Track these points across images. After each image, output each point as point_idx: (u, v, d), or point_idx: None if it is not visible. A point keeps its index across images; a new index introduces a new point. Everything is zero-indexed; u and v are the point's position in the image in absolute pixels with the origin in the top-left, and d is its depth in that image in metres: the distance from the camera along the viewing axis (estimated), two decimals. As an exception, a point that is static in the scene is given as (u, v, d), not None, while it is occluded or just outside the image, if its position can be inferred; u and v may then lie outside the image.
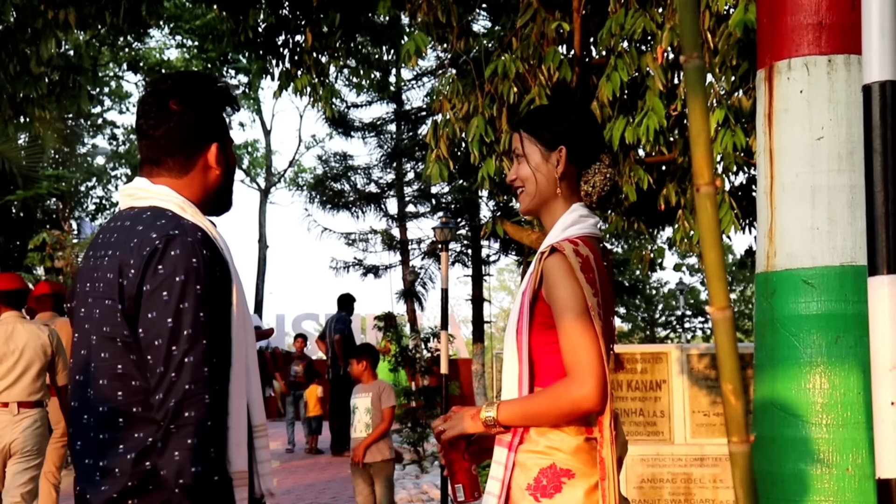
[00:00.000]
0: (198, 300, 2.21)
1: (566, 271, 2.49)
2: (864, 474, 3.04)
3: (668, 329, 41.13)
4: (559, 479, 2.49)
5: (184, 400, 2.17)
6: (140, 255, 2.24)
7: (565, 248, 2.51)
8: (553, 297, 2.50)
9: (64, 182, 18.12)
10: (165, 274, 2.21)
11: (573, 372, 2.46)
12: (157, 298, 2.21)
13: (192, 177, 2.42)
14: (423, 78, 21.65)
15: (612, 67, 6.12)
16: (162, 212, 2.34)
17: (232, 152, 2.51)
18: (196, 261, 2.23)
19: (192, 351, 2.18)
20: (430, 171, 6.89)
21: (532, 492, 2.50)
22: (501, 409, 2.55)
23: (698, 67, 1.33)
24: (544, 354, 2.56)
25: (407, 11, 7.41)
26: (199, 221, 2.35)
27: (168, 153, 2.41)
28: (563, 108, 2.73)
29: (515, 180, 2.70)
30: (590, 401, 2.44)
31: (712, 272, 1.37)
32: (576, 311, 2.46)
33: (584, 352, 2.44)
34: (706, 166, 1.34)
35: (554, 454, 2.50)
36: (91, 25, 8.32)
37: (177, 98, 2.40)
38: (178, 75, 2.50)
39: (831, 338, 3.10)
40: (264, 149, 38.76)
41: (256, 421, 2.38)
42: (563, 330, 2.48)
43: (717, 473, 8.67)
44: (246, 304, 2.40)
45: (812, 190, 3.17)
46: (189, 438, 2.16)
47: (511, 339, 2.61)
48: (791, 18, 3.21)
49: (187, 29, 21.73)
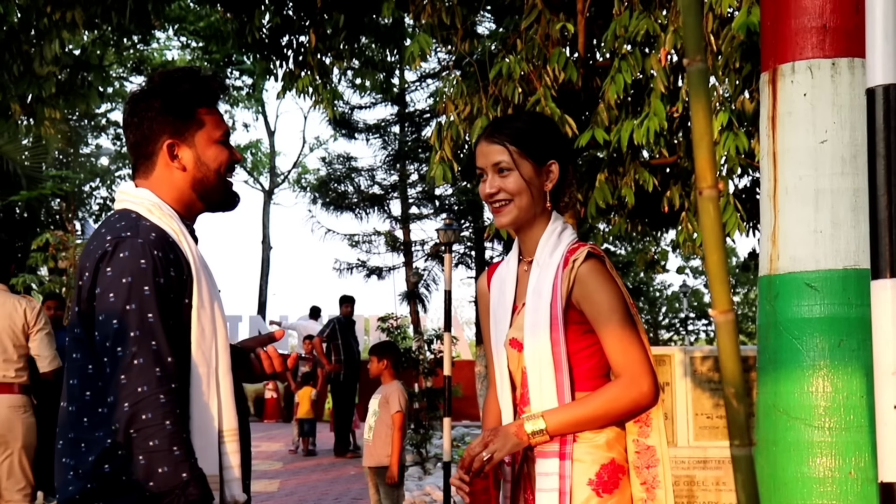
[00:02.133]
0: (145, 301, 2.21)
1: (606, 274, 2.55)
2: (867, 478, 3.03)
3: (672, 331, 41.11)
4: (617, 475, 2.56)
5: (138, 402, 2.17)
6: (93, 258, 2.29)
7: (600, 252, 2.57)
8: (595, 301, 2.54)
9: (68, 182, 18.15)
10: (112, 276, 2.24)
11: (628, 373, 2.53)
12: (104, 300, 2.24)
13: (158, 177, 2.45)
14: (426, 80, 21.66)
15: (617, 69, 6.12)
16: (127, 214, 2.38)
17: (208, 147, 2.46)
18: (144, 262, 2.24)
19: (139, 353, 2.18)
20: (434, 172, 6.89)
21: (595, 487, 2.55)
22: (549, 419, 2.54)
23: (701, 71, 1.33)
24: (579, 360, 2.60)
25: (411, 13, 7.41)
26: (165, 223, 2.36)
27: (136, 156, 2.47)
28: (542, 122, 2.77)
29: (498, 193, 2.65)
30: (648, 398, 2.54)
31: (715, 275, 1.37)
32: (622, 313, 2.54)
33: (636, 352, 2.53)
34: (709, 170, 1.34)
35: (613, 450, 2.57)
36: (97, 25, 8.33)
37: (142, 101, 2.44)
38: (152, 77, 2.52)
39: (834, 341, 3.09)
40: (268, 150, 38.79)
41: (226, 426, 2.35)
42: (610, 333, 2.53)
43: (721, 476, 8.66)
44: (216, 305, 2.38)
45: (815, 193, 3.16)
46: (150, 441, 2.16)
47: (543, 350, 2.58)
48: (795, 22, 3.21)
49: (192, 30, 21.76)
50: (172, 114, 2.42)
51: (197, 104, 2.45)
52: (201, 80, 2.48)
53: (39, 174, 18.73)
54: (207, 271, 2.41)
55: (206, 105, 2.47)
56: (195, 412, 2.28)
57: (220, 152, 2.48)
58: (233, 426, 2.36)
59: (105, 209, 26.18)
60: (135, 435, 2.16)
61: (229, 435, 2.35)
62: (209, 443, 2.29)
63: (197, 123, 2.45)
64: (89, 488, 2.24)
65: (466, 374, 22.39)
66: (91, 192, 26.58)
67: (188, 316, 2.31)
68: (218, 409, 2.33)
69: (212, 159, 2.46)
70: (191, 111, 2.44)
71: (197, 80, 2.47)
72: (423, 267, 22.70)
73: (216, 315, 2.37)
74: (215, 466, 2.30)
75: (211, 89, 2.49)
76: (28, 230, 18.70)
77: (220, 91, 2.51)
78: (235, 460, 2.35)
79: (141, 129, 2.43)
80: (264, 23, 8.07)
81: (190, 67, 2.69)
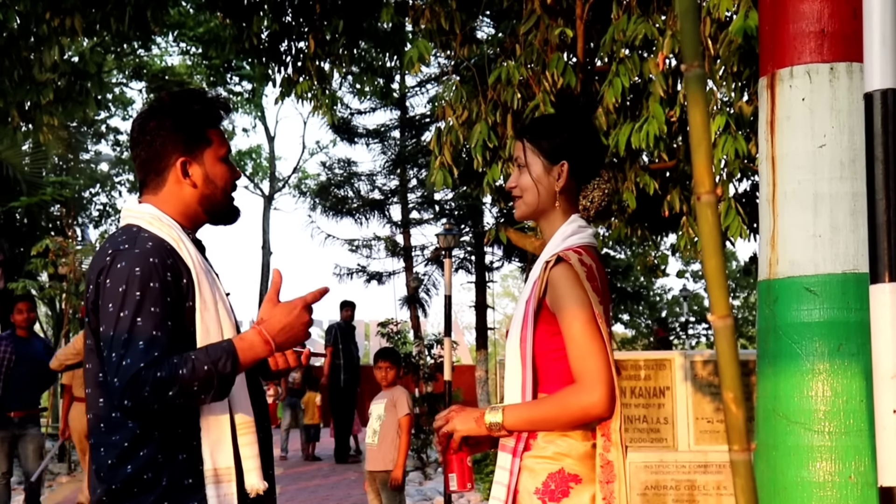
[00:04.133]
0: (137, 306, 2.32)
1: (573, 280, 2.54)
2: (867, 482, 3.03)
3: (672, 335, 41.07)
4: (567, 483, 2.54)
5: (131, 402, 2.28)
6: (95, 273, 2.42)
7: (571, 258, 2.56)
8: (560, 305, 2.55)
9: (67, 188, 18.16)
10: (110, 286, 2.36)
11: (583, 379, 2.51)
12: (105, 311, 2.36)
13: (167, 192, 2.55)
14: (426, 84, 21.67)
15: (615, 74, 6.13)
16: (129, 228, 2.50)
17: (215, 165, 2.58)
18: (139, 269, 2.36)
19: (127, 354, 2.28)
20: (434, 177, 6.90)
21: (541, 496, 2.54)
22: (507, 414, 2.58)
23: (699, 76, 1.33)
24: (548, 362, 2.60)
25: (410, 18, 7.42)
26: (165, 232, 2.46)
27: (144, 173, 2.58)
28: (567, 122, 2.77)
29: (515, 188, 2.75)
30: (599, 407, 2.50)
31: (713, 280, 1.37)
32: (584, 319, 2.51)
33: (593, 359, 2.50)
34: (707, 175, 1.34)
35: (562, 460, 2.55)
36: (97, 32, 8.33)
37: (152, 120, 2.54)
38: (161, 97, 2.62)
39: (833, 345, 3.09)
40: (268, 155, 38.78)
41: (241, 419, 2.46)
42: (571, 337, 2.52)
43: (721, 480, 8.65)
44: (221, 306, 2.49)
45: (814, 197, 3.17)
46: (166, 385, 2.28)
47: (514, 346, 2.64)
48: (793, 26, 3.22)
49: (191, 36, 21.76)
50: (184, 132, 2.54)
51: (206, 124, 2.57)
52: (209, 101, 2.60)
53: (40, 180, 18.73)
54: (211, 276, 2.52)
55: (213, 125, 2.59)
56: (206, 407, 2.39)
57: (226, 170, 2.60)
58: (247, 419, 2.47)
59: (105, 215, 26.18)
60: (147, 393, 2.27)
61: (245, 427, 2.46)
62: (223, 436, 2.41)
63: (206, 142, 2.57)
64: (114, 489, 2.36)
65: (467, 378, 22.38)
66: (91, 199, 26.56)
67: (192, 317, 2.42)
68: (230, 403, 2.43)
69: (219, 177, 2.58)
70: (201, 130, 2.56)
71: (205, 100, 2.59)
72: (424, 272, 22.70)
73: (222, 315, 2.47)
74: (230, 458, 2.41)
75: (217, 110, 2.60)
76: (28, 236, 18.71)
77: (225, 112, 2.63)
78: (252, 451, 2.46)
79: (153, 147, 2.54)
80: (263, 28, 8.08)
81: (197, 89, 2.83)
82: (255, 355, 2.37)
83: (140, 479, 2.34)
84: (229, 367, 2.31)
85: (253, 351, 2.37)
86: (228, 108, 2.65)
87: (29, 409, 8.66)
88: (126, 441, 2.35)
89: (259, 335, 2.38)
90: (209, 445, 2.38)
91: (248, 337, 2.39)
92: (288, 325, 2.42)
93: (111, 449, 2.37)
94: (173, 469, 2.36)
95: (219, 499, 2.36)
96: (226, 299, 2.54)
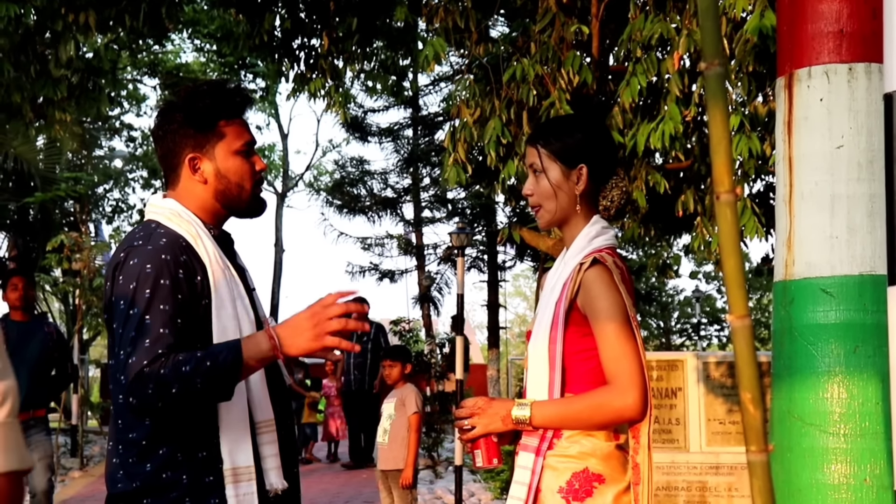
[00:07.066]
0: (147, 304, 2.31)
1: (609, 282, 2.55)
2: (882, 485, 3.01)
3: (684, 337, 40.94)
4: (591, 483, 2.55)
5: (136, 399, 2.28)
6: (112, 269, 2.41)
7: (607, 260, 2.57)
8: (595, 307, 2.55)
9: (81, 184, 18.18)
10: (122, 283, 2.35)
11: (617, 381, 2.52)
12: (117, 308, 2.35)
13: (183, 188, 2.53)
14: (439, 83, 21.67)
15: (632, 73, 6.11)
16: (147, 224, 2.49)
17: (227, 159, 2.51)
18: (150, 266, 2.34)
19: (134, 352, 2.28)
20: (448, 174, 6.89)
21: (564, 495, 2.55)
22: (536, 411, 2.58)
23: (719, 75, 1.32)
24: (576, 362, 2.60)
25: (423, 16, 7.41)
26: (183, 228, 2.44)
27: (164, 168, 2.57)
28: (580, 124, 2.76)
29: (533, 196, 2.72)
30: (633, 409, 2.52)
31: (732, 280, 1.35)
32: (619, 321, 2.52)
33: (628, 362, 2.51)
34: (726, 174, 1.33)
35: (587, 459, 2.56)
36: (111, 28, 8.35)
37: (166, 116, 2.53)
38: (178, 91, 2.59)
39: (850, 347, 3.08)
40: (281, 152, 38.82)
41: (259, 417, 2.43)
42: (605, 339, 2.53)
43: (733, 482, 8.62)
44: (239, 303, 2.45)
45: (831, 198, 3.15)
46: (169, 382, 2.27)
47: (542, 347, 2.63)
48: (811, 26, 3.20)
49: (205, 33, 21.79)
50: (193, 127, 2.49)
51: (217, 116, 2.50)
52: (223, 93, 2.53)
53: (54, 176, 18.77)
54: (230, 272, 2.47)
55: (228, 117, 2.51)
56: (223, 405, 2.36)
57: (242, 163, 2.53)
58: (267, 417, 2.44)
59: (118, 211, 26.24)
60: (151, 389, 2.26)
61: (265, 426, 2.43)
62: (241, 435, 2.38)
63: (217, 136, 2.51)
64: (135, 487, 2.35)
65: (479, 377, 22.38)
66: (105, 194, 26.62)
67: (209, 315, 2.39)
68: (249, 401, 2.41)
69: (232, 171, 2.51)
70: (211, 124, 2.50)
71: (219, 92, 2.52)
72: (436, 270, 22.72)
73: (240, 313, 2.43)
74: (250, 457, 2.38)
75: (233, 101, 2.53)
76: (42, 231, 18.75)
77: (243, 102, 2.56)
78: (272, 450, 2.44)
79: (166, 143, 2.53)
80: (276, 25, 8.07)
81: (216, 80, 2.78)
82: (259, 353, 2.29)
83: (160, 477, 2.34)
84: (229, 360, 2.25)
85: (258, 348, 2.29)
86: (248, 98, 2.58)
87: (32, 410, 6.67)
88: (143, 439, 2.35)
89: (266, 333, 2.33)
90: (228, 444, 2.36)
91: (257, 335, 2.35)
92: (299, 328, 2.30)
93: (130, 447, 2.37)
94: (193, 467, 2.35)
95: (238, 498, 2.34)
96: (246, 296, 2.49)
